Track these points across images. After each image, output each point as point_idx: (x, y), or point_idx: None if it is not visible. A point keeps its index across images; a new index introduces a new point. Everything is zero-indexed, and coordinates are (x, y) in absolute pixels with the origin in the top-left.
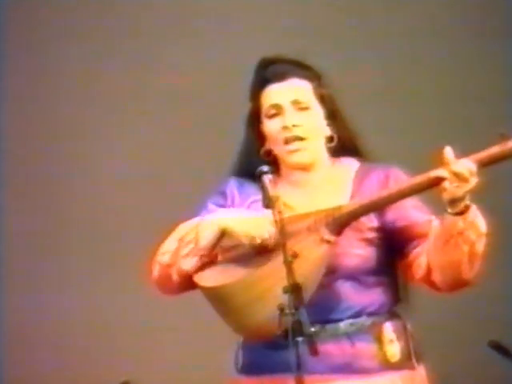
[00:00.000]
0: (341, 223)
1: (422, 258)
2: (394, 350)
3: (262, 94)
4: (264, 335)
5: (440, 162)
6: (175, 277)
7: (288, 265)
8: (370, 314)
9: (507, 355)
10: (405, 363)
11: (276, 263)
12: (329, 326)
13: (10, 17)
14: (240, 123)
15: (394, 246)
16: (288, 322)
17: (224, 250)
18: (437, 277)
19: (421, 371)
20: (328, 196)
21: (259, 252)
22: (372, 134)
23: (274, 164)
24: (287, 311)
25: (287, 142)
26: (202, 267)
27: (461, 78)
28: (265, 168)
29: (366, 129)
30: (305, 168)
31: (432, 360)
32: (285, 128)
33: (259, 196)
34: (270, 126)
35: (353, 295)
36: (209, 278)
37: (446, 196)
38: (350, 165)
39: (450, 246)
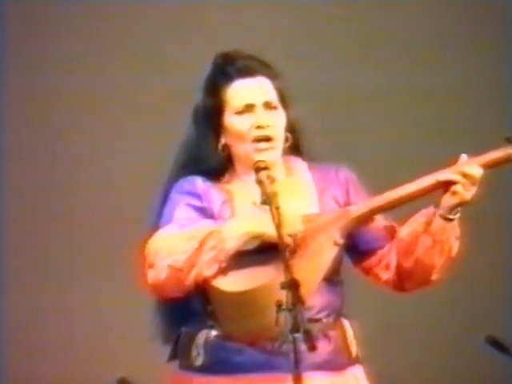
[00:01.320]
0: (352, 226)
1: (388, 258)
2: (353, 345)
3: (227, 89)
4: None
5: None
6: (189, 281)
7: (285, 261)
8: (336, 311)
9: (504, 351)
10: (357, 357)
11: (295, 267)
12: (309, 326)
13: (10, 16)
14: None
15: (357, 246)
16: (285, 317)
17: (242, 255)
18: (407, 279)
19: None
20: (292, 195)
21: (279, 255)
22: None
23: (228, 160)
24: (284, 307)
25: (257, 140)
26: (219, 272)
27: (460, 80)
28: (262, 164)
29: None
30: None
31: (429, 355)
32: (259, 127)
33: (228, 196)
34: (238, 122)
35: (326, 295)
36: (231, 284)
37: (452, 200)
38: (300, 164)
39: (435, 250)
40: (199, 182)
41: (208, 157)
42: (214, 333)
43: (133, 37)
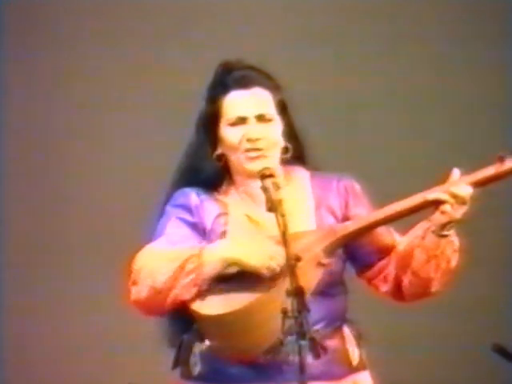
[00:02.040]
0: (337, 246)
1: (387, 271)
2: (354, 352)
3: (223, 99)
4: (259, 358)
5: (444, 182)
6: (169, 302)
7: (291, 268)
8: (335, 321)
9: (511, 359)
10: (362, 365)
11: (276, 291)
12: (307, 335)
13: (11, 17)
14: None
15: (357, 258)
16: (290, 325)
17: (222, 278)
18: (406, 290)
19: (368, 372)
20: (290, 206)
21: (260, 279)
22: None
23: (226, 169)
24: (290, 314)
25: (248, 151)
26: (198, 295)
27: (463, 89)
28: (267, 171)
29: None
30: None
31: (436, 363)
32: (249, 140)
33: (223, 208)
34: (231, 134)
35: (320, 307)
36: (209, 307)
37: (442, 219)
38: (302, 174)
39: (430, 265)
40: (193, 196)
41: (204, 165)
42: (207, 343)
43: (133, 37)
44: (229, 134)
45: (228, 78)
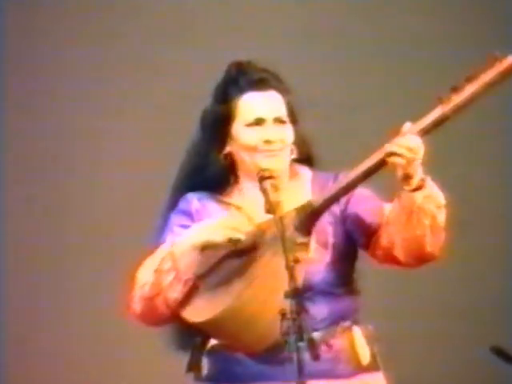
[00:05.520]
0: (309, 222)
1: (380, 239)
2: (364, 353)
3: (238, 100)
4: (260, 351)
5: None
6: (163, 308)
7: (290, 269)
8: (341, 320)
9: (509, 360)
10: (373, 365)
11: (259, 282)
12: (305, 336)
13: (11, 17)
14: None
15: (355, 241)
16: (289, 326)
17: (203, 275)
18: (400, 253)
19: (381, 373)
20: (291, 206)
21: (241, 267)
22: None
23: (231, 169)
24: (289, 316)
25: (264, 152)
26: (188, 293)
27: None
28: (266, 173)
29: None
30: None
31: (434, 364)
32: (267, 142)
33: (224, 212)
34: (247, 134)
35: (327, 307)
36: (197, 312)
37: (399, 172)
38: (304, 173)
39: (412, 222)
40: (194, 201)
41: (209, 164)
42: (213, 342)
43: (134, 38)
44: (245, 135)
45: (243, 79)
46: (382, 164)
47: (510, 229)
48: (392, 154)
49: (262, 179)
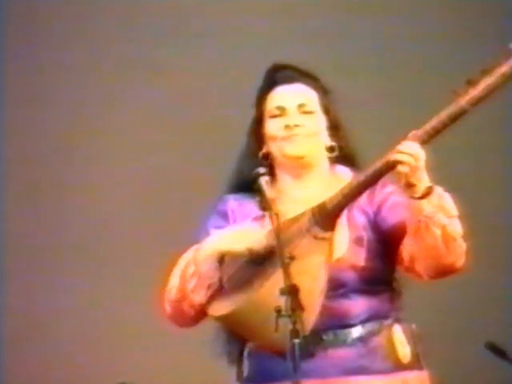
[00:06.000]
0: (330, 217)
1: (401, 252)
2: (405, 351)
3: (268, 97)
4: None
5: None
6: (189, 310)
7: (285, 267)
8: (380, 318)
9: (504, 357)
10: (415, 364)
11: (277, 279)
12: (340, 332)
13: (10, 17)
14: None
15: (389, 248)
16: (285, 323)
17: (227, 274)
18: (420, 266)
19: (426, 373)
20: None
21: (260, 269)
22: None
23: (271, 169)
24: (284, 313)
25: (285, 138)
26: (213, 296)
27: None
28: (261, 170)
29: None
30: (302, 166)
31: (429, 362)
32: (287, 127)
33: (260, 212)
34: (271, 125)
35: (363, 303)
36: (220, 308)
37: (403, 180)
38: (345, 174)
39: (420, 232)
40: (230, 201)
41: (248, 165)
42: (249, 344)
43: (134, 38)
44: (270, 126)
45: (273, 76)
46: (391, 168)
47: (507, 227)
48: (397, 162)
49: (256, 176)
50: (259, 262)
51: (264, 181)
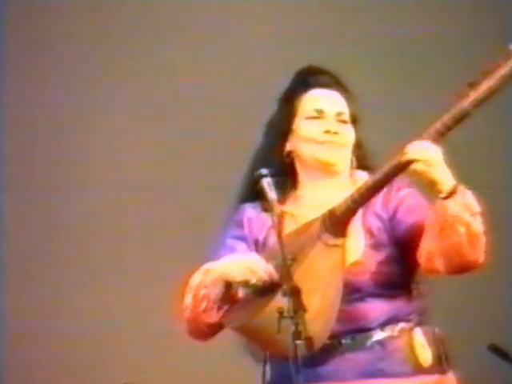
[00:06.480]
0: (340, 223)
1: (419, 250)
2: (426, 354)
3: (302, 97)
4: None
5: None
6: (203, 328)
7: (286, 267)
8: (399, 321)
9: (507, 358)
10: (436, 368)
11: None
12: (359, 336)
13: (10, 18)
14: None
15: (406, 250)
16: (287, 325)
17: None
18: (440, 263)
19: (451, 377)
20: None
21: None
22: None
23: (291, 170)
24: (286, 314)
25: (324, 143)
26: (223, 317)
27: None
28: (264, 171)
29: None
30: (329, 172)
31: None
32: (327, 132)
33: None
34: (307, 126)
35: (381, 307)
36: (235, 319)
37: (423, 180)
38: (363, 179)
39: (446, 231)
40: (247, 210)
41: (272, 163)
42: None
43: (135, 38)
44: (305, 127)
45: (311, 78)
46: (405, 166)
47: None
48: (410, 161)
49: (259, 178)
50: (264, 293)
51: (266, 182)
